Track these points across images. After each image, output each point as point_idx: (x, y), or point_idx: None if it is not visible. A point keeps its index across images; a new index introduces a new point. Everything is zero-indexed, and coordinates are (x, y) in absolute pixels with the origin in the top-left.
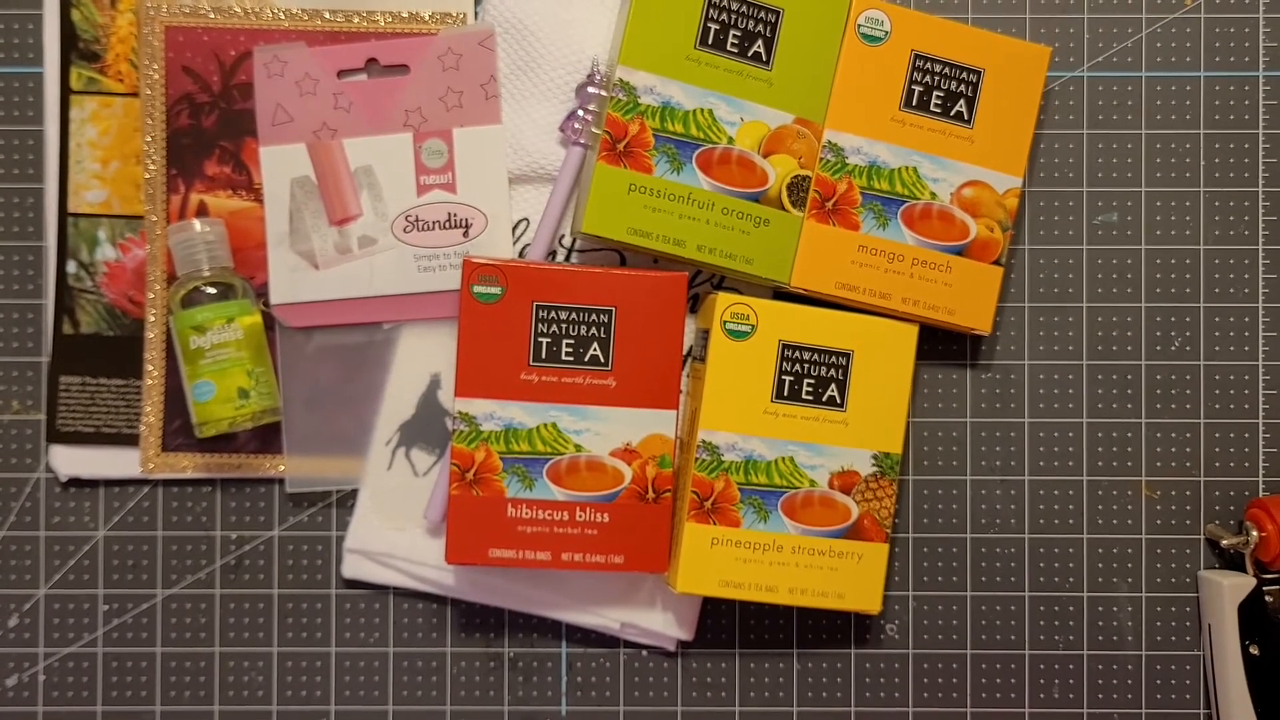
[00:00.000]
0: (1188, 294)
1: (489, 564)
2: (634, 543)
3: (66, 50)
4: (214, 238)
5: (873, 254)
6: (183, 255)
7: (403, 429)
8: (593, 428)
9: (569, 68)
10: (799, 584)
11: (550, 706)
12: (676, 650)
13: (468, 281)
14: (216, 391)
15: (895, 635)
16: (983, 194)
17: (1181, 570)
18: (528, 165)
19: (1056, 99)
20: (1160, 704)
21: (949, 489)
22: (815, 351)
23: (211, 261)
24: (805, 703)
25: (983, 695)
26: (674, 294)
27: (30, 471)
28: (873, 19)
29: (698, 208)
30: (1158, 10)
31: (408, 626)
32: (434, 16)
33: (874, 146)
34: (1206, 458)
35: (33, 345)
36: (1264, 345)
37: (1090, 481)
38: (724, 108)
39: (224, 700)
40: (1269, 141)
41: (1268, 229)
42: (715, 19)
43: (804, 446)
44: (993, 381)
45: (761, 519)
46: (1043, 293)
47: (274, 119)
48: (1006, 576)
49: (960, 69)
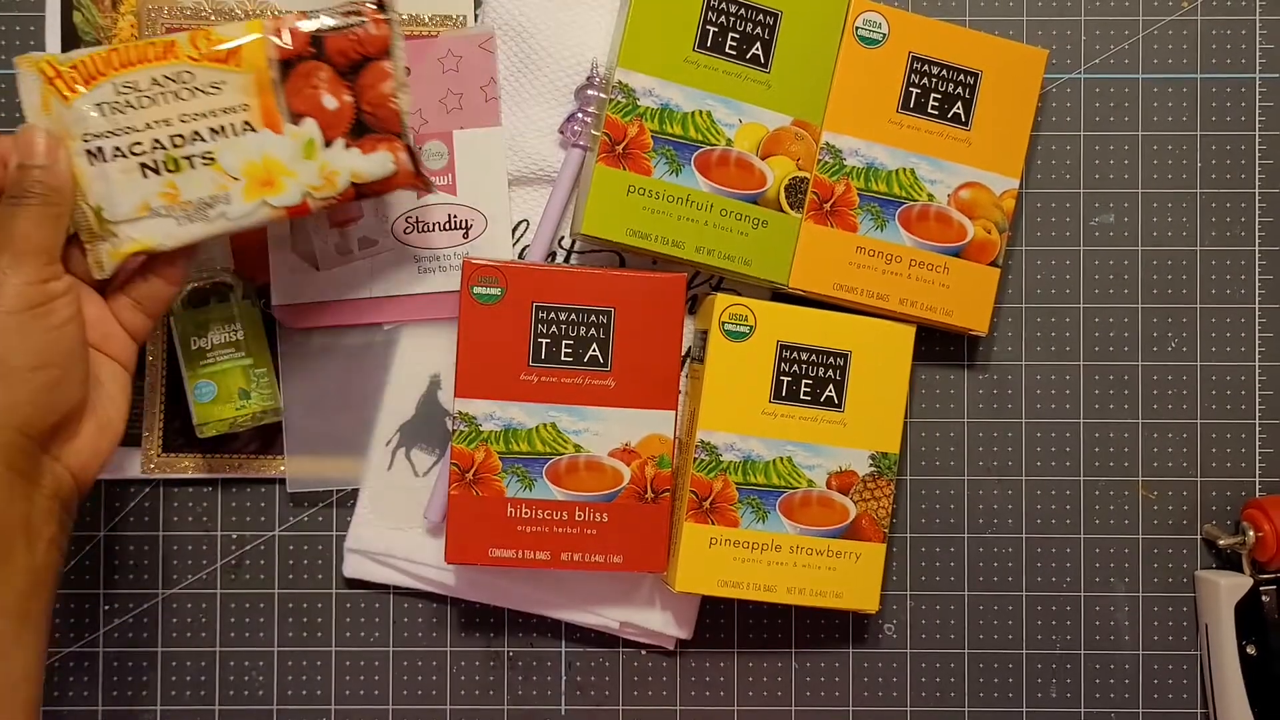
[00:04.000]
0: (1184, 295)
1: (489, 564)
2: (633, 542)
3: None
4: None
5: (870, 255)
6: None
7: (403, 429)
8: (592, 428)
9: (568, 70)
10: (797, 583)
11: (550, 706)
12: (675, 649)
13: (468, 282)
14: (217, 392)
15: (893, 635)
16: (980, 195)
17: (1178, 570)
18: (527, 167)
19: (1053, 101)
20: (1157, 704)
21: (946, 489)
22: (813, 352)
23: (212, 262)
24: (803, 701)
25: (980, 695)
26: (673, 295)
27: None
28: (871, 21)
29: (696, 209)
30: (1154, 12)
31: (408, 626)
32: (434, 19)
33: (872, 148)
34: (1203, 458)
35: None
36: (1260, 346)
37: (1087, 482)
38: (722, 110)
39: (224, 700)
40: (1265, 143)
41: (1264, 230)
42: (714, 21)
43: (802, 447)
44: (990, 382)
45: (760, 519)
46: (1040, 294)
47: None
48: (1004, 576)
49: (958, 71)
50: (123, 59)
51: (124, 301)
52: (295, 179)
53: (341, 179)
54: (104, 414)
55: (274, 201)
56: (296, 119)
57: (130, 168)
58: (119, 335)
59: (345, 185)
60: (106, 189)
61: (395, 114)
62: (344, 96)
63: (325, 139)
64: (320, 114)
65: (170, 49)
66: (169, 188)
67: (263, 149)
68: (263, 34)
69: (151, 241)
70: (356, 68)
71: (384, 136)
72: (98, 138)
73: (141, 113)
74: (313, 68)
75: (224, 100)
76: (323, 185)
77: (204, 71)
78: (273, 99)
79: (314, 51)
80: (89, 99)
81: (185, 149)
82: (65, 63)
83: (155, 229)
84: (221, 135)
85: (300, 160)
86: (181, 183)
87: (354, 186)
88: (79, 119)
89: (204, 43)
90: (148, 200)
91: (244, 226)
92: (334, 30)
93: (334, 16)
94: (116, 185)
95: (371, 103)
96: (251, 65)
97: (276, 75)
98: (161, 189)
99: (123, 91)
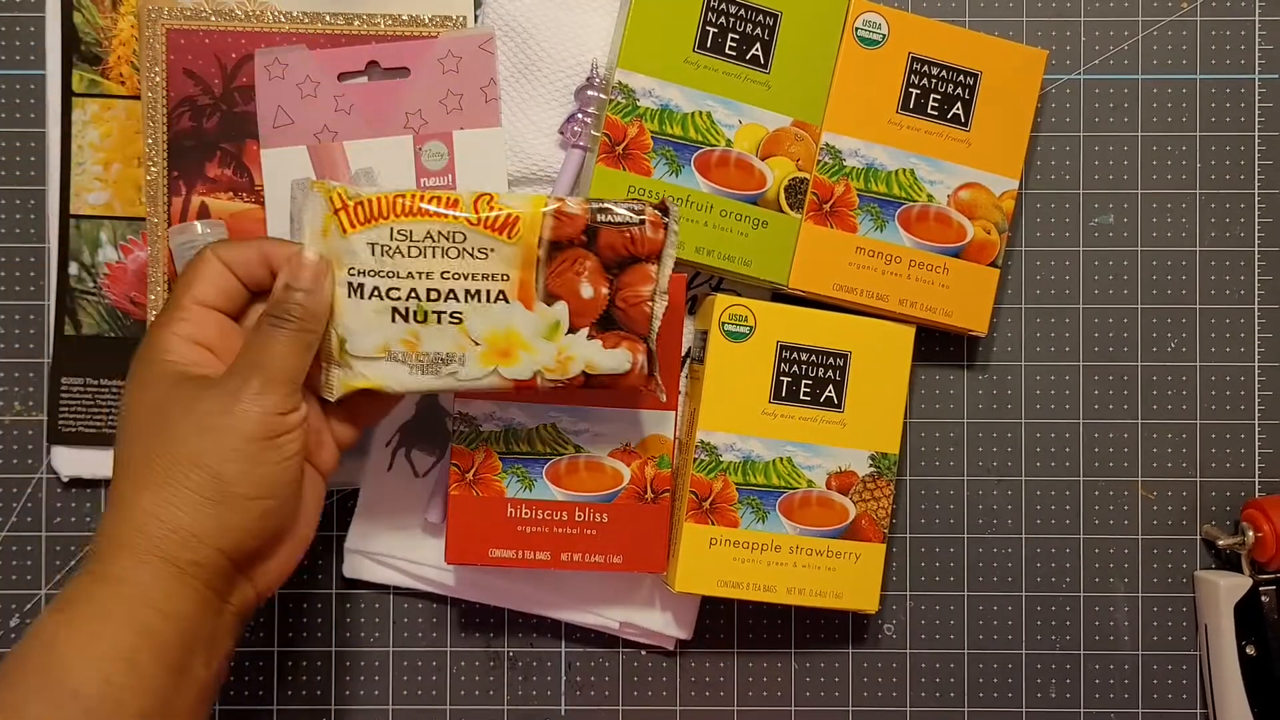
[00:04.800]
0: (1184, 295)
1: (489, 564)
2: (633, 543)
3: (68, 53)
4: (215, 239)
5: (870, 256)
6: (184, 257)
7: (403, 430)
8: (592, 428)
9: (568, 71)
10: (797, 584)
11: (550, 706)
12: (675, 650)
13: None
14: None
15: (893, 635)
16: (979, 196)
17: (1178, 571)
18: (527, 168)
19: (1053, 101)
20: (1157, 704)
21: (946, 489)
22: (813, 352)
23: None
24: (803, 702)
25: (980, 695)
26: (673, 295)
27: (32, 472)
28: (870, 22)
29: (696, 210)
30: (1154, 13)
31: (408, 626)
32: (434, 19)
33: (871, 149)
34: (1203, 458)
35: (34, 347)
36: (1260, 346)
37: (1087, 482)
38: (722, 110)
39: (224, 700)
40: (1264, 144)
41: (1263, 231)
42: (714, 22)
43: (802, 447)
44: (990, 382)
45: (759, 519)
46: (1039, 294)
47: (275, 121)
48: (1004, 576)
49: (957, 72)
50: (407, 207)
51: (340, 413)
52: (532, 355)
53: (575, 366)
54: (300, 532)
55: (506, 373)
56: (550, 300)
57: (383, 309)
58: (329, 445)
59: (576, 372)
60: (356, 323)
61: (647, 317)
62: (601, 289)
63: (572, 325)
64: (575, 300)
65: (453, 206)
66: (411, 336)
67: (509, 321)
68: (544, 210)
69: (382, 383)
70: (623, 264)
71: (628, 335)
72: (363, 274)
73: (408, 261)
74: (580, 255)
75: (488, 266)
76: (555, 368)
77: (477, 236)
78: (533, 276)
79: (585, 240)
80: (364, 236)
81: (438, 304)
82: (354, 197)
83: (389, 372)
84: (475, 299)
85: (541, 339)
86: (425, 334)
87: (584, 375)
88: (350, 252)
89: (485, 208)
90: (389, 343)
91: (470, 388)
92: (611, 224)
93: (616, 211)
94: (366, 322)
95: (626, 300)
96: (523, 240)
97: (544, 254)
98: (404, 335)
99: (398, 237)
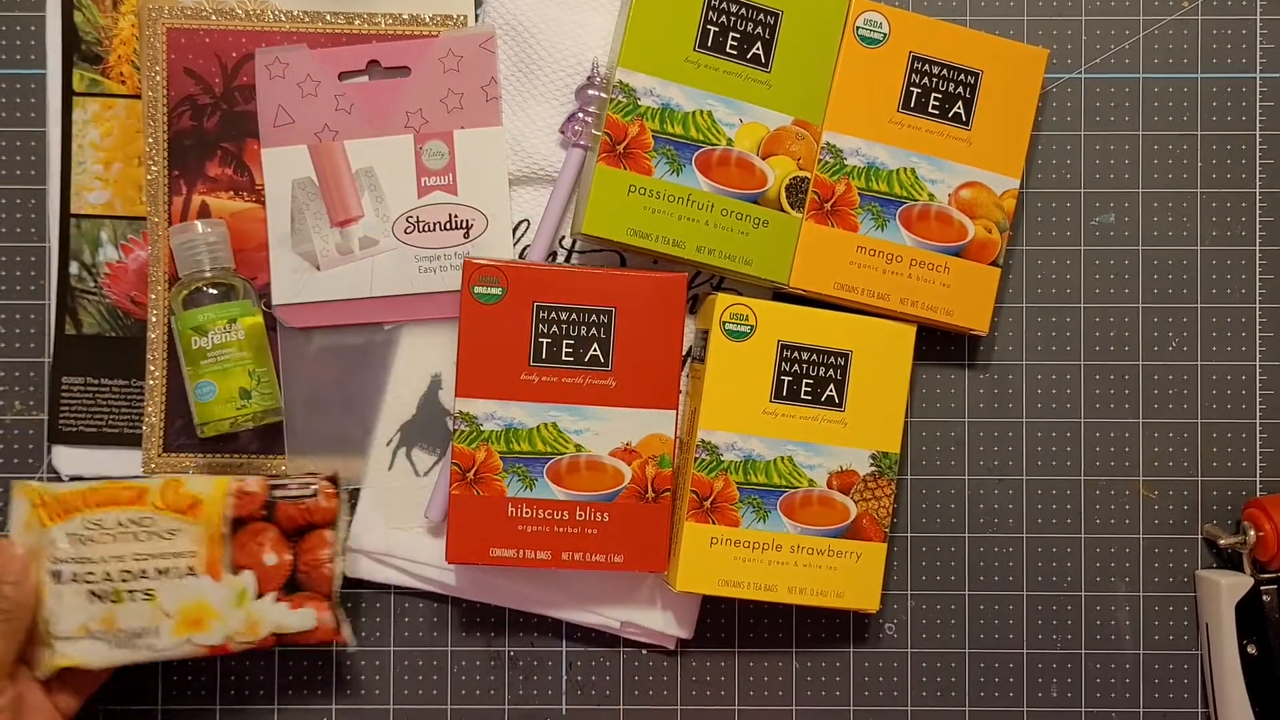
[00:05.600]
0: (1185, 295)
1: (489, 563)
2: (634, 542)
3: (69, 52)
4: (216, 239)
5: (871, 255)
6: (185, 256)
7: (404, 429)
8: (593, 428)
9: (569, 70)
10: (798, 583)
11: (550, 705)
12: (676, 649)
13: (468, 282)
14: (218, 392)
15: (894, 634)
16: (980, 195)
17: (1179, 570)
18: (528, 167)
19: (1054, 100)
20: (1158, 703)
21: (947, 489)
22: (814, 352)
23: (213, 262)
24: (804, 701)
25: (981, 694)
26: (673, 295)
27: (32, 472)
28: (871, 21)
29: (697, 209)
30: (1155, 12)
31: (408, 626)
32: (435, 19)
33: (872, 148)
34: (1204, 458)
35: (35, 346)
36: (1261, 346)
37: (1088, 481)
38: (723, 109)
39: (224, 700)
40: (1265, 143)
41: (1264, 230)
42: (714, 21)
43: (803, 446)
44: (991, 382)
45: (760, 518)
46: (1040, 293)
47: (275, 121)
48: (1005, 576)
49: (958, 71)
50: (99, 499)
51: (59, 686)
52: (223, 622)
53: (264, 628)
54: None
55: (199, 640)
56: (237, 570)
57: (80, 592)
58: (53, 716)
59: (266, 634)
60: (58, 607)
61: (328, 578)
62: (284, 555)
63: (259, 591)
64: (259, 568)
65: (141, 497)
66: (108, 614)
67: (200, 593)
68: (225, 494)
69: (82, 660)
70: (301, 532)
71: (313, 595)
72: (62, 562)
73: (101, 547)
74: (261, 528)
75: (175, 546)
76: (245, 631)
77: (165, 520)
78: (220, 551)
79: (264, 514)
80: (63, 528)
81: (131, 584)
82: (50, 494)
83: (89, 650)
84: (165, 576)
85: (231, 607)
86: (120, 613)
87: (274, 635)
88: (51, 543)
89: (171, 495)
90: (88, 623)
91: (166, 657)
92: (287, 499)
93: (291, 487)
94: (67, 605)
95: (308, 564)
96: (207, 521)
97: (227, 530)
98: (102, 615)
99: (89, 527)
